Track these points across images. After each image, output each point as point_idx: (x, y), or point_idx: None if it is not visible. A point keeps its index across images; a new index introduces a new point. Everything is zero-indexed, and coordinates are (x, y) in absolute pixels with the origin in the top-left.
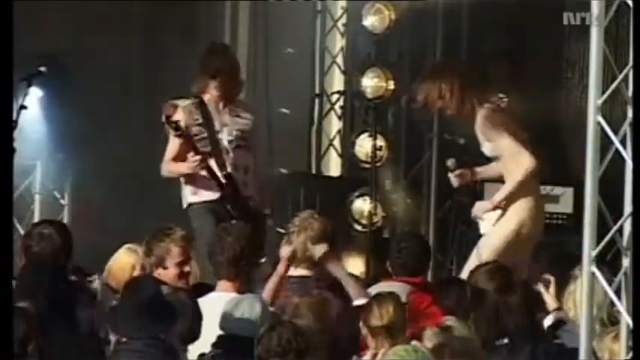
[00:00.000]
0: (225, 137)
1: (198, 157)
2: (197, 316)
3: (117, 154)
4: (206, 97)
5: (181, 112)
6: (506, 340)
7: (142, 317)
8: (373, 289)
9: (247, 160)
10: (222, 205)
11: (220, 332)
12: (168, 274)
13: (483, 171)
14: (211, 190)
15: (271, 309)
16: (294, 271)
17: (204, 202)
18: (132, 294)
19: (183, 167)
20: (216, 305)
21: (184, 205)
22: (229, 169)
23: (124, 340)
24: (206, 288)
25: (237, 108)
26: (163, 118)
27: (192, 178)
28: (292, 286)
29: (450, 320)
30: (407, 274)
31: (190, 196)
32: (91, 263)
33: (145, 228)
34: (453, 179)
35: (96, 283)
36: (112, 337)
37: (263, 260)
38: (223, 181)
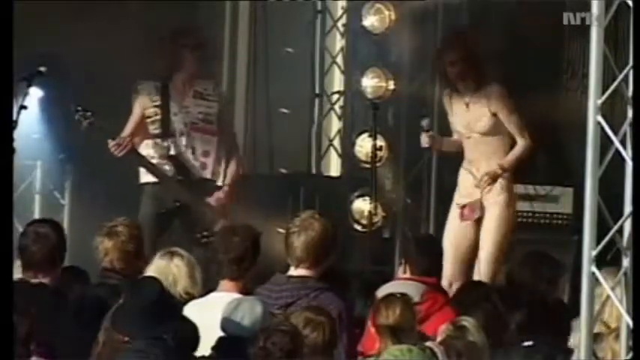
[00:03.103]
0: (180, 120)
1: (113, 143)
2: None
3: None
4: (173, 78)
5: (140, 94)
6: (530, 342)
7: (145, 317)
8: (388, 288)
9: (208, 143)
10: (164, 187)
11: (221, 334)
12: None
13: (450, 142)
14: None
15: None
16: (294, 271)
17: (153, 183)
18: (135, 294)
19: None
20: (218, 306)
21: None
22: (182, 152)
23: (126, 339)
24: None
25: (204, 91)
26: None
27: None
28: (292, 286)
29: (464, 320)
30: (419, 273)
31: (142, 175)
32: (91, 263)
33: None
34: (424, 138)
35: None
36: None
37: None
38: (161, 163)
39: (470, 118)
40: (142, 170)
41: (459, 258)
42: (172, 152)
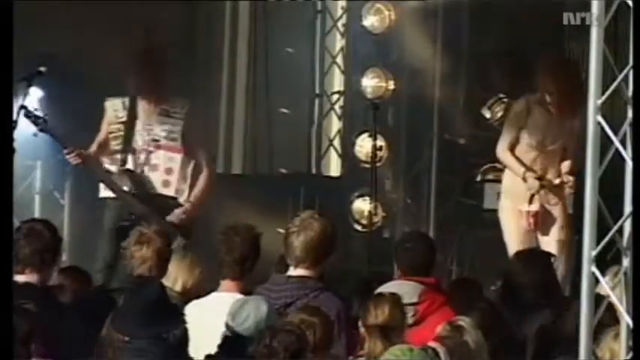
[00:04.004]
0: (143, 137)
1: (66, 151)
2: None
3: None
4: (141, 94)
5: (107, 110)
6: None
7: (145, 317)
8: (385, 288)
9: (172, 161)
10: (121, 200)
11: (225, 333)
12: None
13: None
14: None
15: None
16: (294, 271)
17: (113, 197)
18: (135, 294)
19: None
20: (219, 306)
21: None
22: (142, 169)
23: (127, 339)
24: None
25: (170, 108)
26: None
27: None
28: (292, 286)
29: (462, 320)
30: (415, 273)
31: (102, 190)
32: (92, 263)
33: None
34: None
35: None
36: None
37: None
38: (120, 176)
39: (549, 136)
40: (102, 185)
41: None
42: (129, 167)
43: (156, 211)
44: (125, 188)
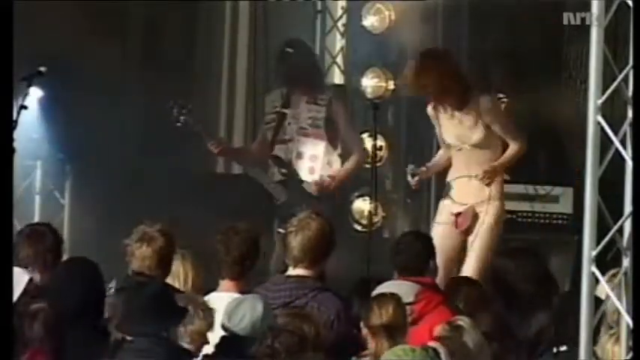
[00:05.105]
0: (293, 126)
1: (211, 143)
2: None
3: (116, 154)
4: (293, 86)
5: (266, 103)
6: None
7: (149, 316)
8: (382, 288)
9: (316, 148)
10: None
11: (223, 333)
12: None
13: (438, 164)
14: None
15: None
16: (293, 271)
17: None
18: (138, 293)
19: None
20: (218, 305)
21: None
22: (291, 156)
23: (129, 338)
24: None
25: (317, 96)
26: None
27: None
28: (291, 286)
29: (461, 320)
30: (411, 274)
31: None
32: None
33: None
34: (412, 181)
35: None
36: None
37: None
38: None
39: (461, 131)
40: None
41: (442, 265)
42: (283, 156)
43: (302, 196)
44: (275, 178)
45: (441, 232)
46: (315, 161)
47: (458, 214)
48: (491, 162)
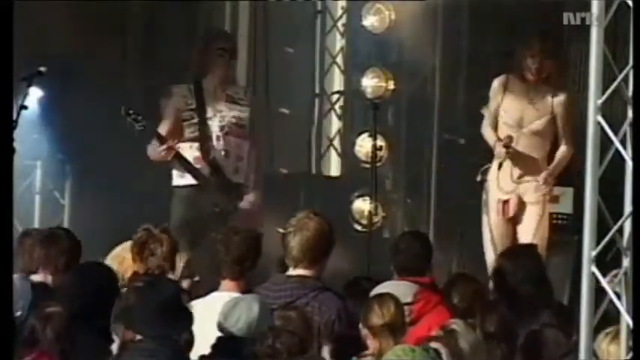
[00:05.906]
0: (216, 123)
1: (163, 147)
2: None
3: (117, 154)
4: (206, 81)
5: (174, 96)
6: None
7: (159, 317)
8: (380, 288)
9: (241, 148)
10: (202, 191)
11: (219, 334)
12: None
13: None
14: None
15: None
16: (293, 271)
17: (189, 185)
18: (151, 293)
19: (153, 153)
20: (219, 305)
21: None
22: (217, 155)
23: (138, 338)
24: None
25: (235, 95)
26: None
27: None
28: (291, 286)
29: (454, 324)
30: (410, 274)
31: (176, 178)
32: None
33: None
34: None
35: None
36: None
37: None
38: (200, 166)
39: (527, 114)
40: (176, 173)
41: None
42: (213, 156)
43: (233, 200)
44: (208, 178)
45: (491, 223)
46: (240, 161)
47: (505, 202)
48: (536, 152)
